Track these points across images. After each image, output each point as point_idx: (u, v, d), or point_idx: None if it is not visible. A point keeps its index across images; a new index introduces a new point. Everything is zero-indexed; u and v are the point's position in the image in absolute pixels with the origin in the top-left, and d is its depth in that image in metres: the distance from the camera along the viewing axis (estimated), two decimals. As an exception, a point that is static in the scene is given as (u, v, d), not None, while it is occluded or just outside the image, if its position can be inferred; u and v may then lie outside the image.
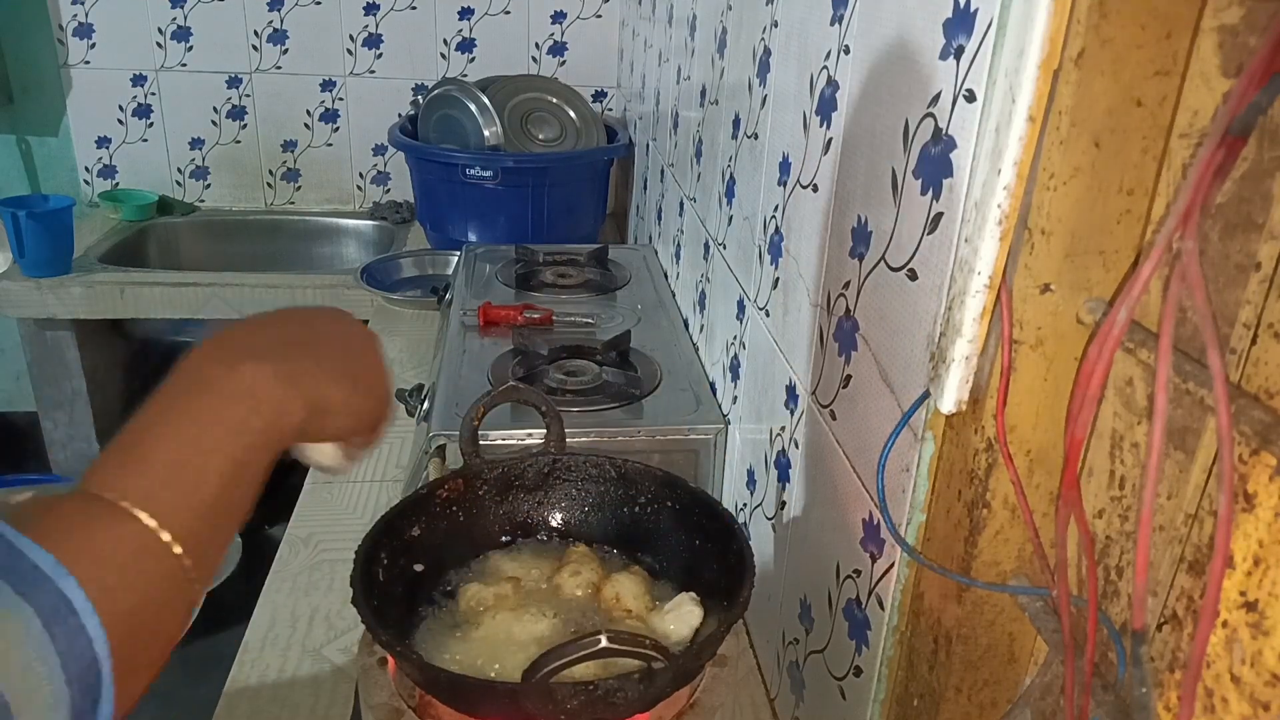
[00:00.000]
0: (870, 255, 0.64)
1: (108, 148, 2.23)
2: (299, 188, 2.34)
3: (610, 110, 2.30)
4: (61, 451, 2.05)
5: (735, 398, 1.02)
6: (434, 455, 0.96)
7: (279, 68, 2.21)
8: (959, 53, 0.51)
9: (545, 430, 0.71)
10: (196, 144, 2.26)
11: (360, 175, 2.34)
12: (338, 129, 2.29)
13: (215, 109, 2.24)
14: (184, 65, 2.19)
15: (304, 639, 0.96)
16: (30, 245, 1.79)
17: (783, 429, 0.84)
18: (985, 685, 0.55)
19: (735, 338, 1.02)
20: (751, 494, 0.96)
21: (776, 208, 0.86)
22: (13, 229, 1.77)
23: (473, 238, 1.85)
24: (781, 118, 0.84)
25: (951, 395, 0.50)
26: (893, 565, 0.61)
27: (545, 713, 0.49)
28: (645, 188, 1.82)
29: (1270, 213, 0.35)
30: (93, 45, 2.14)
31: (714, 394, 1.10)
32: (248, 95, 2.24)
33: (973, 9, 0.49)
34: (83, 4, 2.10)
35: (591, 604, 0.63)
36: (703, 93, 1.20)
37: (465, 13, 2.20)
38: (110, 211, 2.18)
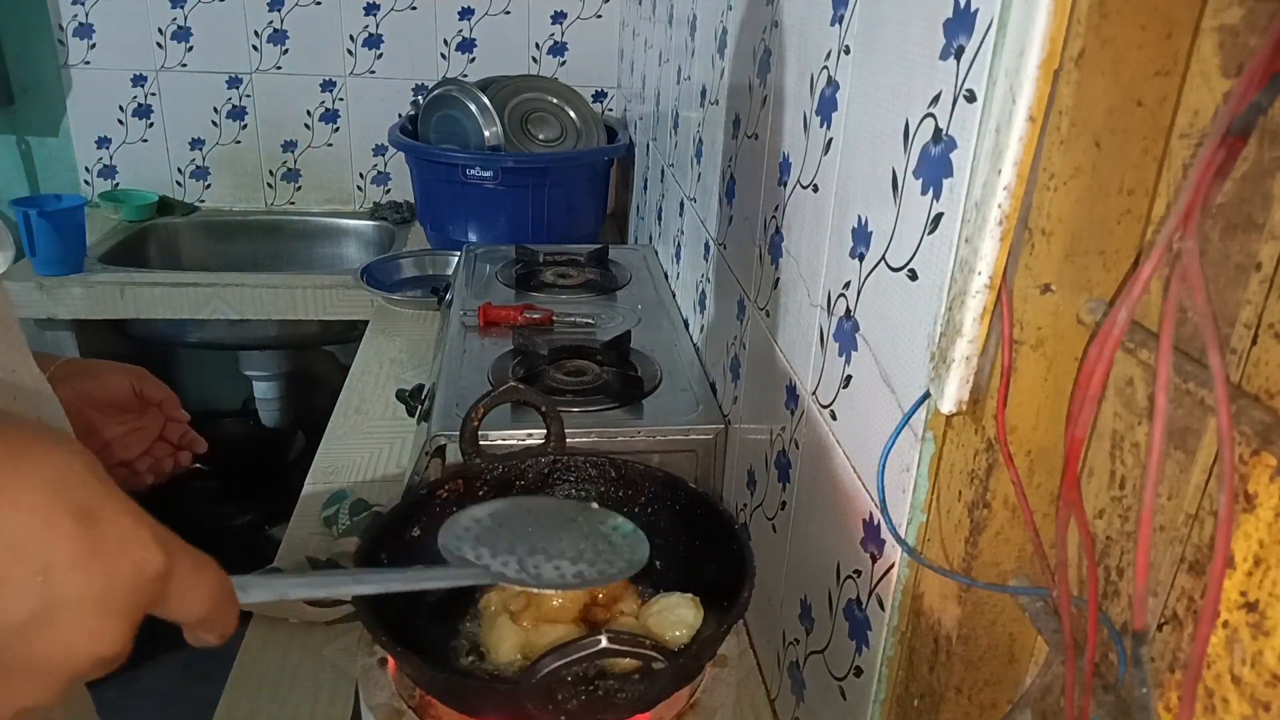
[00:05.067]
0: (870, 255, 0.64)
1: (108, 148, 2.23)
2: (299, 188, 2.33)
3: (610, 110, 2.30)
4: (62, 452, 2.05)
5: (735, 398, 1.02)
6: (434, 455, 0.96)
7: (279, 68, 2.21)
8: (959, 53, 0.50)
9: (545, 430, 0.71)
10: (197, 144, 2.26)
11: (360, 175, 2.34)
12: (338, 129, 2.29)
13: (215, 109, 2.24)
14: (184, 65, 2.19)
15: (304, 639, 0.96)
16: (42, 244, 1.79)
17: (783, 429, 0.84)
18: (985, 685, 0.55)
19: (735, 338, 1.02)
20: (751, 494, 0.96)
21: (776, 208, 0.86)
22: (25, 228, 1.77)
23: (473, 238, 1.85)
24: (781, 118, 0.84)
25: (952, 395, 0.50)
26: (893, 565, 0.61)
27: (545, 713, 0.49)
28: (645, 188, 1.82)
29: (1270, 213, 0.35)
30: (93, 45, 2.14)
31: (714, 394, 1.10)
32: (248, 95, 2.23)
33: (973, 9, 0.49)
34: (83, 4, 2.10)
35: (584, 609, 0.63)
36: (703, 93, 1.20)
37: (465, 13, 2.20)
38: (110, 212, 2.18)
